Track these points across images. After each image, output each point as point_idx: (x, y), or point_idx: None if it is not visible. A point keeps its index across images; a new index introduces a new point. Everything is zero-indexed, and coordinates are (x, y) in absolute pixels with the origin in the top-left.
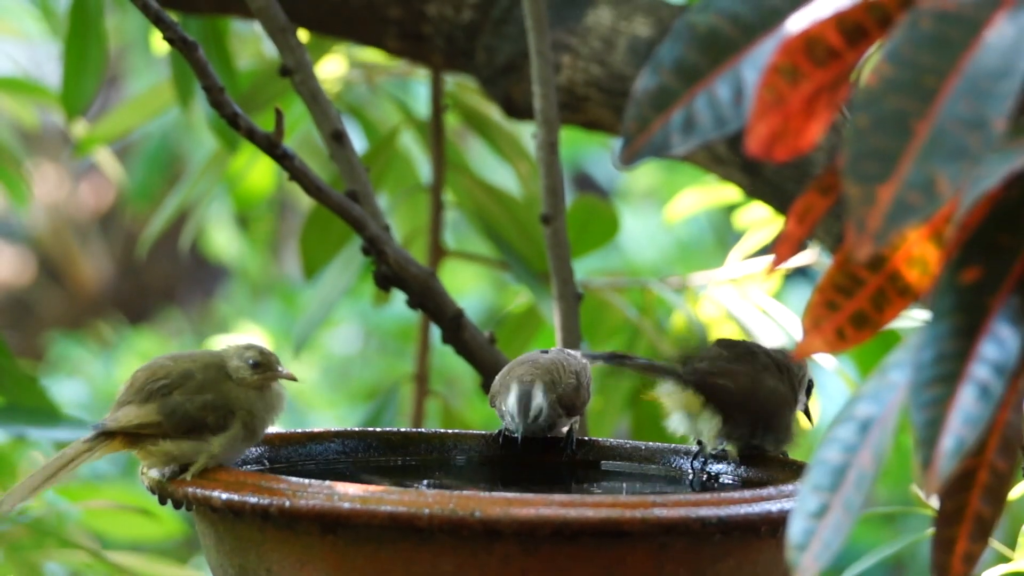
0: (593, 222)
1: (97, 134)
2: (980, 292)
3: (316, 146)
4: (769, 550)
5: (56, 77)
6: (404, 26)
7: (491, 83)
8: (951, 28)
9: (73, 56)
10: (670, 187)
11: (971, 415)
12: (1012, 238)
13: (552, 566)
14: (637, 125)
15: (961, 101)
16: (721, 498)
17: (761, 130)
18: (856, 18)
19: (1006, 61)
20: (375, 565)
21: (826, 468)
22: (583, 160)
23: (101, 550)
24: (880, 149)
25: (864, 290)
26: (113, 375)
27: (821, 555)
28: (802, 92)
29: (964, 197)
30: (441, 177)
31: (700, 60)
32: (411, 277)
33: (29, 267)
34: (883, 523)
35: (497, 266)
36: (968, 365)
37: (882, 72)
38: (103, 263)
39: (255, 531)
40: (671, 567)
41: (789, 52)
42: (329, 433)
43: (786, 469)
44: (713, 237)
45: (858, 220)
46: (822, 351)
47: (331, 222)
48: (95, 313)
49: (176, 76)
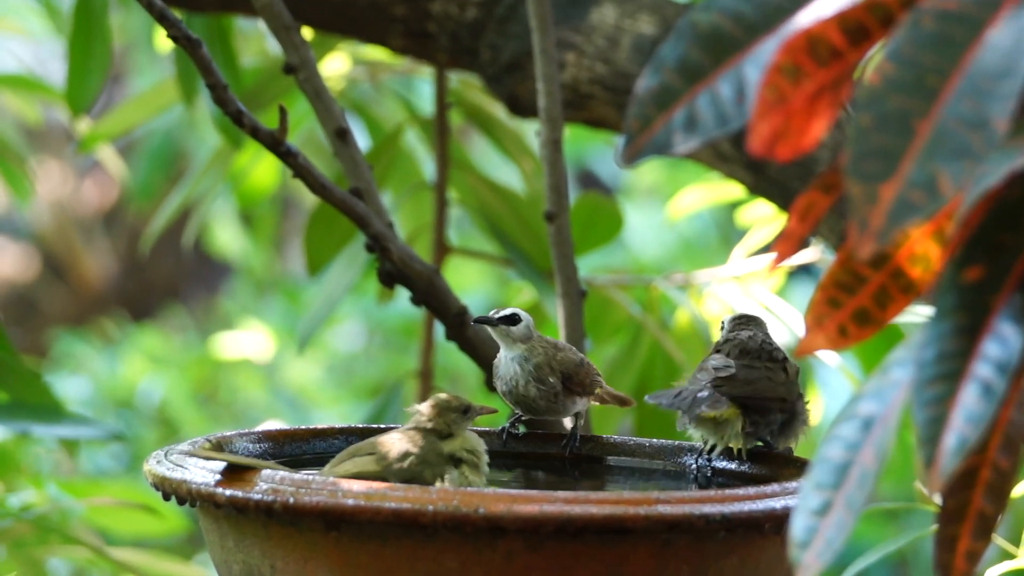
0: (597, 219)
1: (101, 131)
2: (982, 291)
3: (320, 143)
4: (773, 547)
5: (61, 75)
6: (409, 24)
7: (495, 81)
8: (953, 28)
9: (77, 54)
10: (674, 184)
11: (973, 413)
12: (1014, 237)
13: (556, 563)
14: (640, 123)
15: (963, 100)
16: (725, 495)
17: (763, 129)
18: (858, 17)
19: (1008, 61)
20: (379, 562)
21: (829, 466)
22: (587, 157)
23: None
24: (882, 148)
25: (866, 288)
26: (117, 371)
27: (823, 553)
28: (804, 91)
29: (966, 196)
30: (445, 174)
31: (703, 59)
32: (415, 274)
33: (33, 264)
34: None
35: (501, 263)
36: (970, 363)
37: (884, 71)
38: (107, 260)
39: (259, 527)
40: (675, 564)
41: (791, 51)
42: (333, 430)
43: (790, 466)
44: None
45: (860, 218)
46: (825, 348)
47: (335, 219)
48: (99, 310)
49: (180, 74)
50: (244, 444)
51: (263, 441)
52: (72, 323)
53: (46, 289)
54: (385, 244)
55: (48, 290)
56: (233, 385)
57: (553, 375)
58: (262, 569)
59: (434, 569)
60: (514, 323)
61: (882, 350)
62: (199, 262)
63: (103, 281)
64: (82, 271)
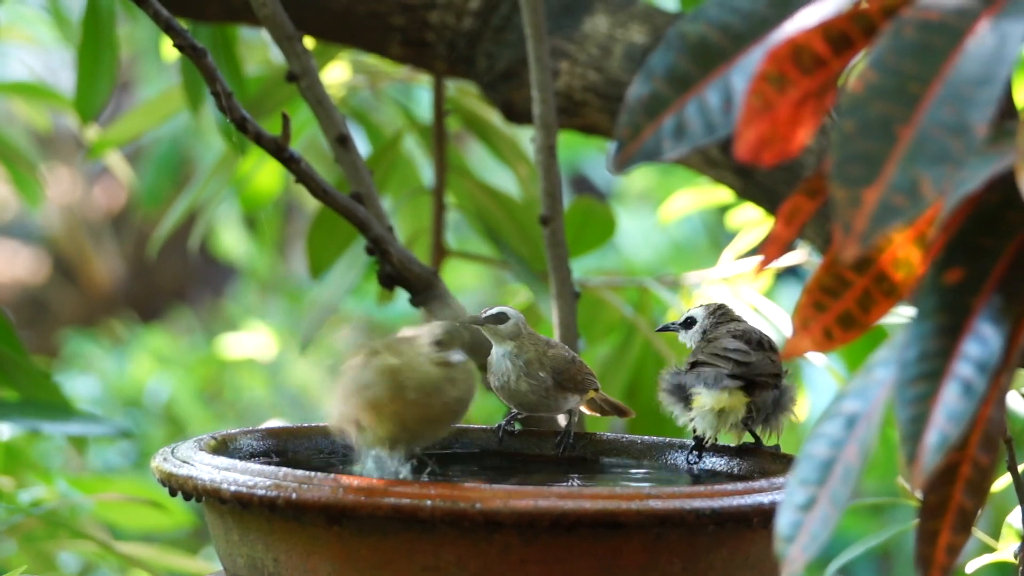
0: (590, 223)
1: (109, 138)
2: (963, 292)
3: (322, 150)
4: (761, 541)
5: (70, 83)
6: (407, 33)
7: (491, 88)
8: (934, 37)
9: (86, 63)
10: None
11: (954, 411)
12: (994, 240)
13: (550, 556)
14: (630, 131)
15: (944, 107)
16: (714, 490)
17: (750, 136)
18: (841, 27)
19: (987, 69)
20: (379, 555)
21: (813, 463)
22: (581, 163)
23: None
24: (865, 153)
25: (851, 291)
26: (125, 371)
27: (808, 547)
28: (789, 99)
29: (947, 200)
30: (443, 179)
31: (691, 68)
32: (414, 276)
33: (44, 267)
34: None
35: (497, 265)
36: (952, 363)
37: (867, 79)
38: (116, 263)
39: (263, 522)
40: (666, 557)
41: (777, 60)
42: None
43: (777, 462)
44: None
45: (844, 222)
46: (810, 351)
47: (336, 223)
48: (108, 311)
49: (186, 82)
50: (248, 441)
51: (267, 439)
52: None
53: (57, 291)
54: (385, 247)
55: (59, 292)
56: (238, 384)
57: (543, 370)
58: (265, 562)
59: (433, 562)
60: (501, 321)
61: (867, 349)
62: (205, 265)
63: (112, 283)
64: (92, 274)
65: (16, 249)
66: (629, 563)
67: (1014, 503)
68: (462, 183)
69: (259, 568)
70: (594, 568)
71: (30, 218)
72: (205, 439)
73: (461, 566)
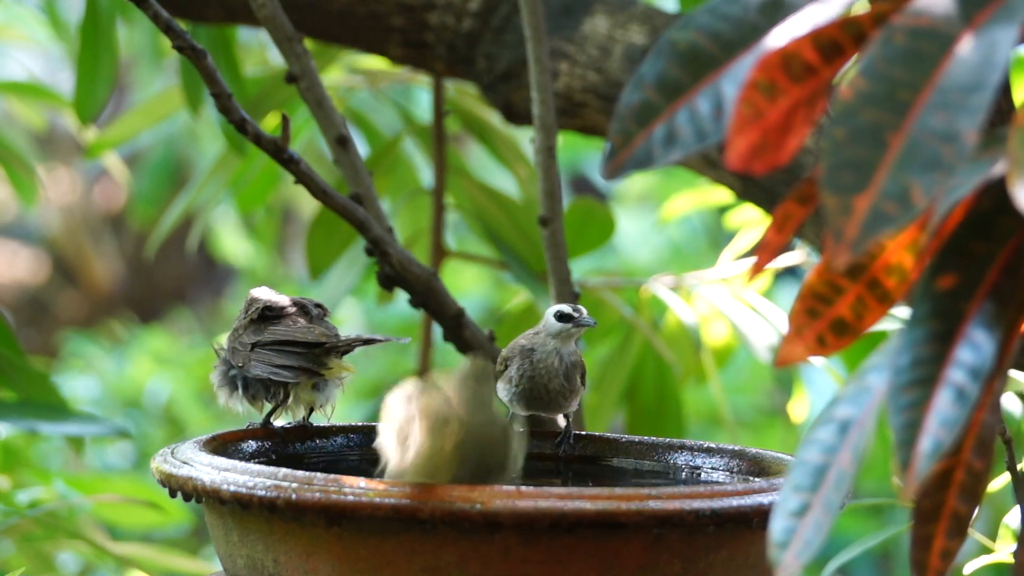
0: (590, 224)
1: (107, 138)
2: (956, 298)
3: (321, 151)
4: (761, 541)
5: (69, 84)
6: (407, 34)
7: (491, 89)
8: (924, 44)
9: (85, 65)
10: (664, 190)
11: (948, 417)
12: (986, 246)
13: (551, 557)
14: (621, 139)
15: (934, 114)
16: (714, 491)
17: (740, 144)
18: (832, 35)
19: (977, 75)
20: (379, 556)
21: (807, 468)
22: (580, 164)
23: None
24: (856, 160)
25: (844, 298)
26: (125, 372)
27: (802, 553)
28: (780, 107)
29: (938, 206)
30: (442, 180)
31: (681, 76)
32: (413, 277)
33: (44, 267)
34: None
35: (497, 266)
36: (944, 369)
37: (858, 86)
38: (115, 264)
39: (262, 523)
40: (666, 558)
41: (767, 68)
42: (334, 428)
43: (778, 463)
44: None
45: (836, 229)
46: (804, 357)
47: (336, 224)
48: (108, 312)
49: (185, 83)
50: (248, 442)
51: (267, 439)
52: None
53: (57, 292)
54: (384, 248)
55: (58, 293)
56: None
57: (577, 372)
58: (265, 563)
59: (433, 563)
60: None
61: (867, 350)
62: (204, 266)
63: (112, 284)
64: (91, 274)
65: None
66: (629, 563)
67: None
68: (461, 184)
69: (259, 569)
70: (594, 568)
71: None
72: (205, 440)
73: (461, 567)
